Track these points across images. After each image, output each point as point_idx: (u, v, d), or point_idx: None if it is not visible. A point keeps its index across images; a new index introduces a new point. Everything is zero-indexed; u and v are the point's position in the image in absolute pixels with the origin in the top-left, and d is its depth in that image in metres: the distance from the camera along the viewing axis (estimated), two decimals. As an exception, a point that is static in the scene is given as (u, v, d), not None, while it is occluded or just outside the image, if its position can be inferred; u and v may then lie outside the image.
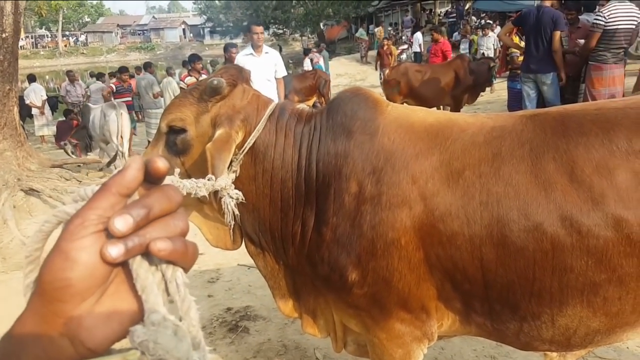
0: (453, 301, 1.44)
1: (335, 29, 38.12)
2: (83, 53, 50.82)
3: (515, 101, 6.47)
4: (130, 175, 0.41)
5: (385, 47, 14.47)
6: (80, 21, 63.26)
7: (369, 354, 1.65)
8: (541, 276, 1.28)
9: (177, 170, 1.28)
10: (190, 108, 1.51)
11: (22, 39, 50.47)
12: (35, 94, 10.58)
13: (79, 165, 5.82)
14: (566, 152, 1.28)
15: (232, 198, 1.38)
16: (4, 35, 4.42)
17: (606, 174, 1.24)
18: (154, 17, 71.52)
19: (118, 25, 62.88)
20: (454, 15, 24.63)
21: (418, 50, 16.26)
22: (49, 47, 52.08)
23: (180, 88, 7.10)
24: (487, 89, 8.66)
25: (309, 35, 40.01)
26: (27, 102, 10.25)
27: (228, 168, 1.43)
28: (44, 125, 10.92)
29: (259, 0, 34.44)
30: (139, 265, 0.41)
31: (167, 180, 0.52)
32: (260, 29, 5.51)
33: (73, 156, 7.13)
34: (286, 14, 36.22)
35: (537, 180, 1.28)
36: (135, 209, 0.40)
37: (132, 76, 10.69)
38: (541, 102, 5.56)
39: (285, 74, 5.82)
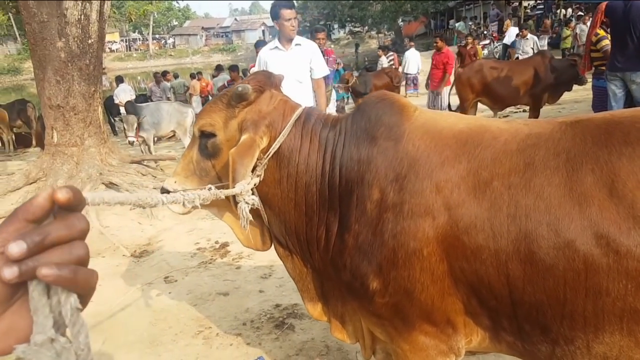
0: (481, 317, 1.36)
1: (413, 25, 37.36)
2: (171, 55, 54.31)
3: (600, 101, 5.93)
4: (36, 203, 0.45)
5: (469, 47, 12.16)
6: (169, 24, 67.64)
7: (395, 364, 1.61)
8: (573, 298, 1.17)
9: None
10: (219, 114, 1.57)
11: (116, 42, 55.04)
12: (125, 94, 11.50)
13: (155, 162, 6.25)
14: (607, 163, 1.16)
15: (247, 204, 1.41)
16: (90, 42, 4.87)
17: None
18: (235, 19, 74.62)
19: (203, 28, 66.32)
20: (542, 7, 23.08)
21: (509, 43, 15.33)
22: (140, 49, 56.23)
23: None
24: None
25: (385, 32, 39.60)
26: (117, 101, 11.17)
27: (252, 172, 1.47)
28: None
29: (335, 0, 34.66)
30: (34, 288, 0.44)
31: (169, 188, 0.55)
32: (290, 12, 4.01)
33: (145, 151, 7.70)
34: (363, 11, 36.13)
35: (571, 193, 1.17)
36: (31, 236, 0.43)
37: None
38: (629, 102, 5.06)
39: (327, 72, 4.48)
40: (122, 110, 11.68)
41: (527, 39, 11.01)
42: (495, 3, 26.33)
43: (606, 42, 5.73)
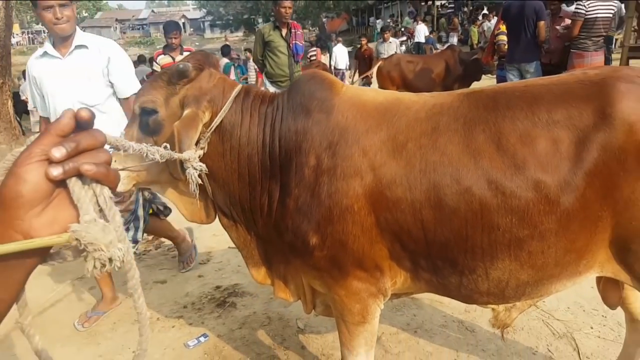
0: (403, 260, 1.61)
1: (336, 22, 38.08)
2: (82, 49, 50.86)
3: (502, 89, 6.62)
4: (64, 122, 0.58)
5: (364, 49, 11.24)
6: (79, 16, 63.27)
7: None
8: (473, 234, 1.45)
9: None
10: (160, 91, 1.65)
11: (17, 34, 50.35)
12: (32, 90, 10.73)
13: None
14: (494, 124, 1.45)
15: (195, 170, 1.54)
16: (-5, 31, 4.56)
17: (528, 142, 1.40)
18: (153, 11, 71.42)
19: (117, 20, 62.84)
20: (452, 6, 24.65)
21: (422, 41, 16.38)
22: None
23: (153, 70, 6.06)
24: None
25: (310, 28, 40.00)
26: (23, 98, 10.39)
27: (196, 145, 1.59)
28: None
29: (258, -7, 34.37)
30: (74, 184, 0.58)
31: (115, 140, 0.69)
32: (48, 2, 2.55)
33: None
34: (285, 6, 36.08)
35: (468, 149, 1.44)
36: (68, 143, 0.57)
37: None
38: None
39: (137, 88, 2.77)
40: (30, 106, 10.95)
41: (389, 42, 10.82)
42: (411, 2, 27.67)
43: (502, 38, 6.44)
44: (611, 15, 5.30)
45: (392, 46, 10.58)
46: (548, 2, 6.33)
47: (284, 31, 5.30)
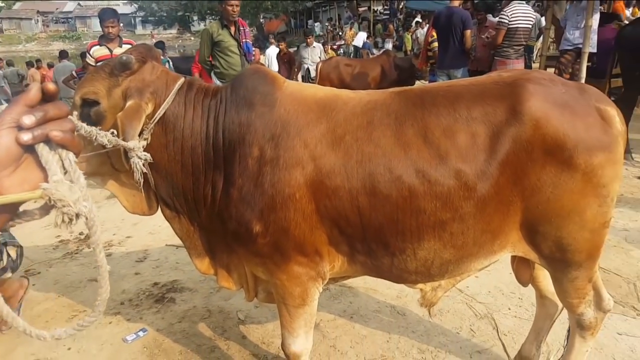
0: (341, 245, 1.73)
1: (274, 23, 38.05)
2: (-2, 41, 47.37)
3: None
4: (32, 93, 0.65)
5: (282, 53, 10.43)
6: (-5, 6, 58.63)
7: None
8: (403, 217, 1.60)
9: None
10: (103, 82, 1.65)
11: None
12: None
13: None
14: (421, 119, 1.61)
15: (140, 159, 1.58)
16: None
17: (450, 136, 1.58)
18: (79, 4, 67.36)
19: (38, 11, 58.72)
20: (388, 13, 25.53)
21: (360, 45, 16.90)
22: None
23: (87, 64, 5.43)
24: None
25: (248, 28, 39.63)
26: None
27: (140, 135, 1.62)
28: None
29: (194, -10, 33.63)
30: (42, 148, 0.65)
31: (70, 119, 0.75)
32: None
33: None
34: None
35: (398, 142, 1.60)
36: (37, 112, 0.64)
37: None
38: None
39: None
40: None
41: (313, 47, 10.00)
42: (348, 6, 28.31)
43: (436, 45, 6.85)
44: (531, 25, 5.84)
45: (316, 51, 9.74)
46: (475, 13, 6.80)
47: (233, 29, 5.15)
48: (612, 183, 1.64)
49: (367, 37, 18.88)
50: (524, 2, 5.91)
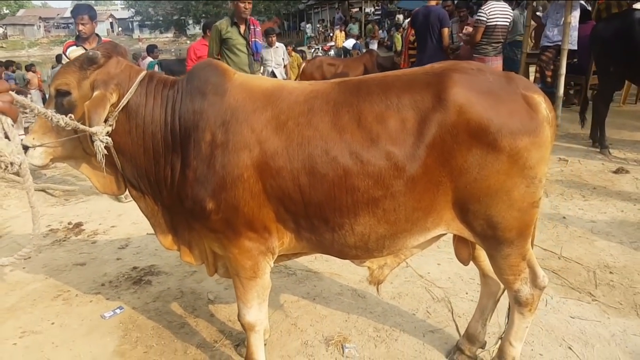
0: (287, 222, 1.91)
1: (267, 25, 38.21)
2: (2, 47, 47.50)
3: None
4: None
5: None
6: (-1, 13, 58.92)
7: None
8: (339, 195, 1.78)
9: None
10: (73, 75, 1.87)
11: None
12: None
13: None
14: (356, 106, 1.79)
15: (102, 142, 1.77)
16: None
17: (382, 121, 1.75)
18: (79, 8, 67.20)
19: (40, 17, 59.05)
20: (379, 14, 25.74)
21: (350, 47, 17.26)
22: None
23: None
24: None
25: (241, 30, 39.74)
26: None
27: (105, 122, 1.81)
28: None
29: (188, -7, 33.77)
30: None
31: (22, 100, 0.93)
32: None
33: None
34: (218, 8, 35.82)
35: (335, 127, 1.77)
36: None
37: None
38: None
39: None
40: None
41: (276, 47, 8.56)
42: (340, 7, 28.52)
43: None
44: (508, 23, 5.98)
45: (279, 51, 8.48)
46: (456, 10, 6.93)
47: (243, 28, 5.04)
48: (539, 165, 1.77)
49: (358, 39, 19.18)
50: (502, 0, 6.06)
